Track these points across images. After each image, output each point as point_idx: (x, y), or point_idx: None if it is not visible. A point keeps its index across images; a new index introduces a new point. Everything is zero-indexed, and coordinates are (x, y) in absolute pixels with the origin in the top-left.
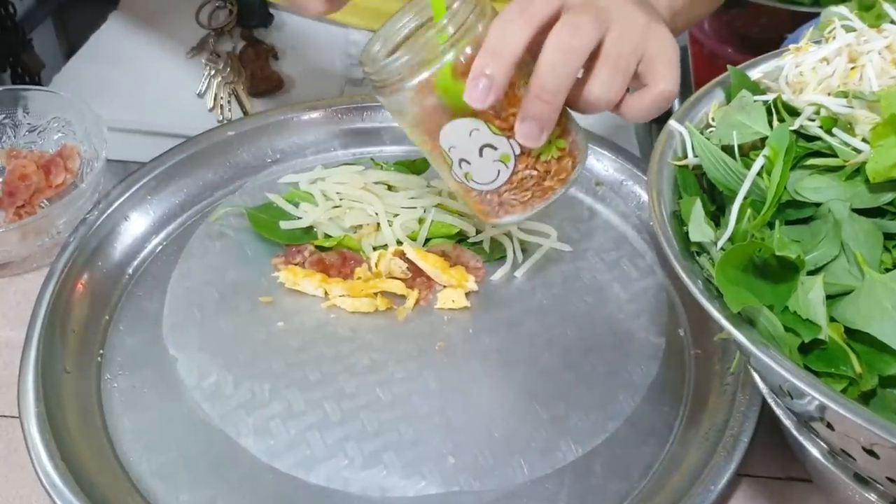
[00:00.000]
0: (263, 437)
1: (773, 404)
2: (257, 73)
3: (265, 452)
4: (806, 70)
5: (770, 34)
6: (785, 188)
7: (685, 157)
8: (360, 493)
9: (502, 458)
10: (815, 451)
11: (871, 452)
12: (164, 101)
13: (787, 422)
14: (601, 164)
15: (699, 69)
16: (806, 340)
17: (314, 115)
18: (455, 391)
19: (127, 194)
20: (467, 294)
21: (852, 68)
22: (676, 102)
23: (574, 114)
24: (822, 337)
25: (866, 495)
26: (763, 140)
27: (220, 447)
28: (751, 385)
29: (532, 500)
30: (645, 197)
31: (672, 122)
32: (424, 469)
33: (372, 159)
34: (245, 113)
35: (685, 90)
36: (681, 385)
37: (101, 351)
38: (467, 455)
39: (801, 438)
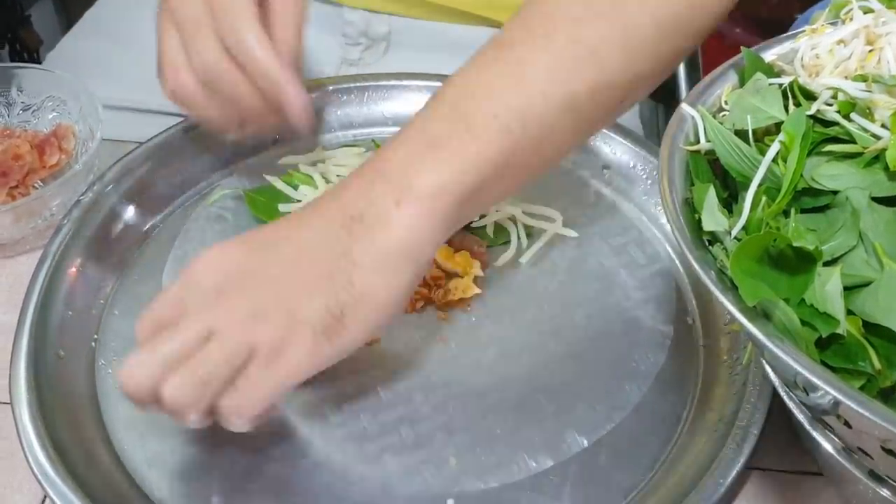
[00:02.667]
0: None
1: (785, 398)
2: None
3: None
4: (822, 52)
5: (780, 15)
6: (801, 175)
7: (697, 142)
8: (359, 483)
9: (506, 455)
10: (828, 447)
11: (889, 452)
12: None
13: (801, 416)
14: (608, 146)
15: (707, 50)
16: (823, 335)
17: (314, 95)
18: (457, 384)
19: (122, 176)
20: (474, 280)
21: (870, 51)
22: (684, 89)
23: None
24: (839, 331)
25: (880, 491)
26: (778, 125)
27: (216, 436)
28: (761, 376)
29: (536, 493)
30: (653, 181)
31: (684, 106)
32: (426, 473)
33: (373, 140)
34: None
35: (694, 71)
36: (689, 375)
37: (96, 336)
38: (469, 455)
39: (814, 433)
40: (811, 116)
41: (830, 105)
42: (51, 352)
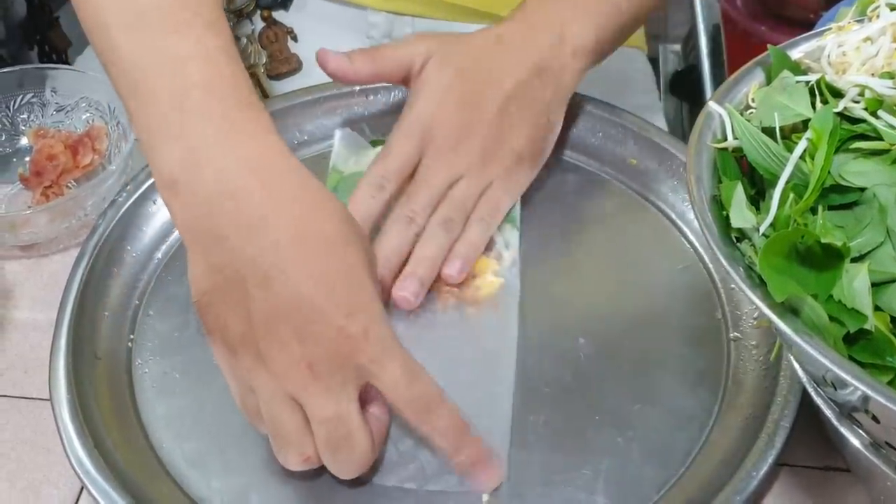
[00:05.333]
0: None
1: (813, 394)
2: (276, 55)
3: None
4: (849, 50)
5: (805, 11)
6: (828, 172)
7: (725, 139)
8: (397, 484)
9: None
10: (856, 443)
11: None
12: None
13: (829, 412)
14: (635, 143)
15: (732, 47)
16: (851, 331)
17: (341, 95)
18: (487, 378)
19: None
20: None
21: None
22: (710, 87)
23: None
24: (867, 327)
25: None
26: (805, 122)
27: (253, 434)
28: (791, 370)
29: (569, 487)
30: (679, 178)
31: (711, 104)
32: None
33: None
34: (265, 96)
35: (719, 69)
36: (719, 369)
37: (132, 336)
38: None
39: (841, 429)
40: (838, 114)
41: (857, 102)
42: (88, 352)
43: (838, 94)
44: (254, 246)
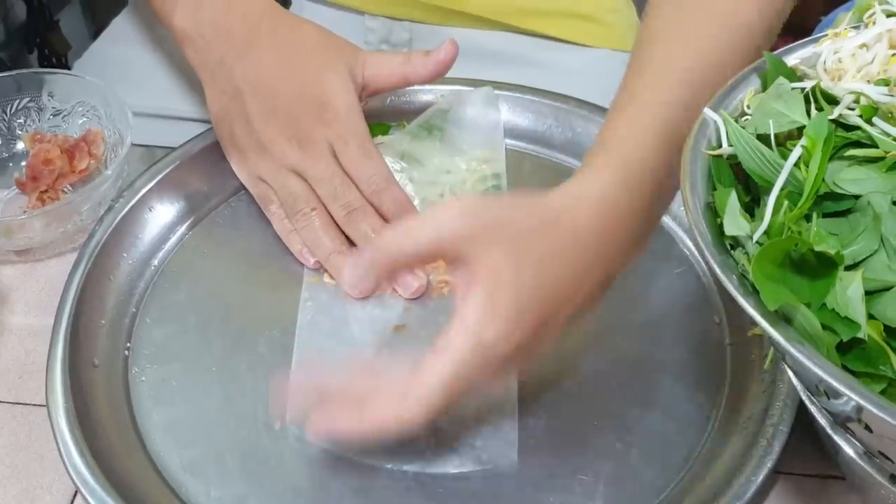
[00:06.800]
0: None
1: (807, 402)
2: None
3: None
4: (845, 57)
5: (803, 17)
6: (823, 180)
7: (719, 146)
8: (395, 467)
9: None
10: (850, 451)
11: None
12: (189, 85)
13: (823, 421)
14: None
15: None
16: (844, 339)
17: None
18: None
19: (152, 182)
20: None
21: (893, 55)
22: None
23: None
24: (860, 336)
25: None
26: (800, 129)
27: (251, 441)
28: (787, 376)
29: (568, 493)
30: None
31: (706, 111)
32: (455, 462)
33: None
34: None
35: None
36: (718, 375)
37: (129, 344)
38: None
39: (835, 437)
40: (833, 121)
41: (853, 109)
42: (85, 359)
43: (833, 100)
44: (243, 62)
